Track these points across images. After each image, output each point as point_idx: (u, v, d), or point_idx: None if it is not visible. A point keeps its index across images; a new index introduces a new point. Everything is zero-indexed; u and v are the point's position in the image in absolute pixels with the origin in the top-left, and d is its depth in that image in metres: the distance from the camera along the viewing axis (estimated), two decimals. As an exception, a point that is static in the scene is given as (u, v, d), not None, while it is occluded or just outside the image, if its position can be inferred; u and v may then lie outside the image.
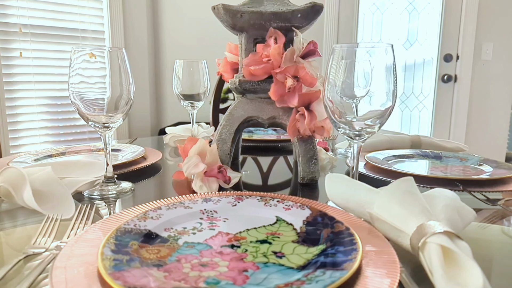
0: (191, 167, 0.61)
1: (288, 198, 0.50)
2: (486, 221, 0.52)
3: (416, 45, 2.57)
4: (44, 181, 0.52)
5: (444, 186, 0.60)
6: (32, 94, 2.07)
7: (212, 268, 0.34)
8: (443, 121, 2.60)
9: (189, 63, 0.92)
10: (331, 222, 0.42)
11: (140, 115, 2.48)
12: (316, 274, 0.32)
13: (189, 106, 0.94)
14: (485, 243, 0.47)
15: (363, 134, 0.50)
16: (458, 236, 0.35)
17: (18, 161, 0.74)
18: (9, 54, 1.97)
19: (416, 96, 2.67)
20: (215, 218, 0.46)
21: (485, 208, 0.56)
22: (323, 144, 0.83)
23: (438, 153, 0.83)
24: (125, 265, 0.33)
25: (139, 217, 0.43)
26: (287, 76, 0.60)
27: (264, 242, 0.39)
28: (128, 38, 2.37)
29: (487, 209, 0.55)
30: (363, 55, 0.49)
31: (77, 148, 0.87)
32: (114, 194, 0.59)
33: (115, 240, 0.37)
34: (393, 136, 0.92)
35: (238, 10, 0.61)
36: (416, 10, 2.53)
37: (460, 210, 0.41)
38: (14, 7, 1.96)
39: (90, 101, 0.58)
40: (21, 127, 2.05)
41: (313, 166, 0.64)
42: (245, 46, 0.65)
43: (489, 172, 0.68)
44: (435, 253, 0.33)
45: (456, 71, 2.51)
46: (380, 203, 0.42)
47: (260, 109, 0.66)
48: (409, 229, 0.38)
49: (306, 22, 0.62)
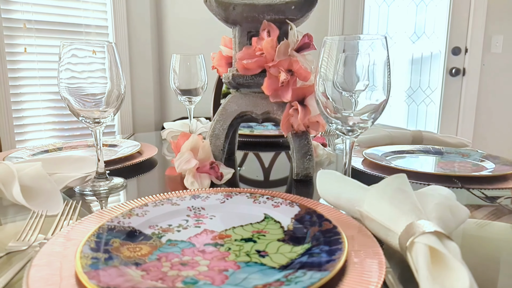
0: (183, 163, 0.60)
1: (278, 195, 0.49)
2: (487, 219, 0.50)
3: (424, 38, 2.53)
4: (33, 177, 0.51)
5: (442, 183, 0.58)
6: (37, 89, 2.08)
7: (192, 267, 0.33)
8: (450, 116, 2.56)
9: (186, 57, 0.91)
10: (319, 220, 0.41)
11: (143, 110, 2.48)
12: (296, 275, 0.31)
13: (186, 101, 0.93)
14: (490, 241, 0.45)
15: (356, 129, 0.49)
16: (448, 236, 0.33)
17: (14, 156, 0.74)
18: (13, 50, 1.97)
19: (423, 90, 2.62)
20: (202, 215, 0.45)
21: (484, 206, 0.54)
22: (321, 140, 0.82)
23: (439, 148, 0.81)
24: (102, 263, 0.32)
25: (124, 214, 0.42)
26: (280, 70, 0.59)
27: (249, 241, 0.38)
28: (132, 33, 2.36)
29: (486, 207, 0.53)
30: (355, 48, 0.48)
31: (74, 143, 0.86)
32: (105, 190, 0.59)
33: (96, 237, 0.36)
34: (394, 132, 0.90)
35: (231, 3, 0.60)
36: (424, 1, 2.48)
37: (453, 209, 0.40)
38: (18, 3, 1.97)
39: (81, 96, 0.57)
40: (26, 122, 2.06)
41: (307, 162, 0.62)
42: (239, 40, 0.64)
43: (491, 169, 0.66)
44: (422, 254, 0.32)
45: (465, 64, 2.46)
46: (370, 200, 0.41)
47: (254, 104, 0.64)
48: (398, 228, 0.36)
49: (300, 14, 0.61)
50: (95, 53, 0.58)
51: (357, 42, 0.48)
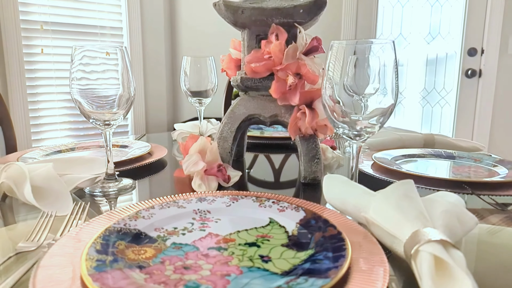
0: (190, 165, 0.60)
1: (284, 199, 0.49)
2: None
3: (439, 39, 2.48)
4: (44, 177, 0.53)
5: (452, 189, 0.57)
6: (53, 89, 2.12)
7: (194, 271, 0.33)
8: (466, 118, 2.51)
9: (197, 59, 0.91)
10: (324, 226, 0.41)
11: (156, 110, 2.50)
12: (298, 282, 0.31)
13: (196, 102, 0.94)
14: (504, 247, 0.44)
15: (363, 134, 0.48)
16: (453, 245, 0.33)
17: (27, 156, 0.75)
18: (31, 51, 2.02)
19: (438, 92, 2.58)
20: (207, 219, 0.45)
21: (495, 213, 0.53)
22: (330, 142, 0.81)
23: (451, 152, 0.79)
24: (107, 266, 0.33)
25: (131, 216, 0.43)
26: (288, 73, 0.59)
27: (253, 245, 0.38)
28: (145, 34, 2.39)
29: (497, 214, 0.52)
30: (363, 52, 0.47)
31: (86, 143, 0.88)
32: (114, 191, 0.60)
33: (102, 240, 0.37)
34: (405, 135, 0.89)
35: (239, 7, 0.60)
36: (439, 2, 2.44)
37: (460, 217, 0.39)
38: (35, 5, 2.01)
39: (93, 98, 0.58)
40: (43, 121, 2.11)
41: (315, 165, 0.62)
42: (248, 43, 0.64)
43: (503, 175, 0.64)
44: (426, 262, 0.31)
45: (481, 66, 2.41)
46: (376, 206, 0.41)
47: (262, 106, 0.65)
48: (403, 235, 0.36)
49: (309, 18, 0.60)
50: (109, 55, 0.59)
51: (364, 46, 0.48)
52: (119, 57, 0.58)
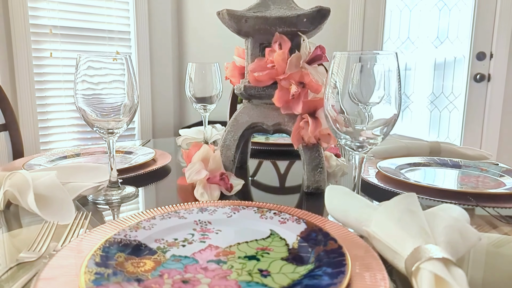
0: (193, 173, 0.60)
1: (285, 210, 0.49)
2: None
3: (447, 43, 2.46)
4: (48, 186, 0.53)
5: (456, 200, 0.56)
6: (61, 93, 2.15)
7: (193, 285, 0.33)
8: (474, 123, 2.48)
9: (202, 66, 0.92)
10: (325, 239, 0.40)
11: (163, 115, 2.52)
12: (296, 299, 0.30)
13: (201, 109, 0.94)
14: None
15: (366, 145, 0.48)
16: (455, 263, 0.32)
17: (33, 163, 0.76)
18: (40, 55, 2.05)
19: (446, 96, 2.55)
20: (208, 230, 0.45)
21: (501, 226, 0.52)
22: (335, 150, 0.81)
23: (457, 161, 0.78)
24: (105, 279, 0.33)
25: (131, 227, 0.43)
26: (291, 82, 0.58)
27: (252, 258, 0.38)
28: (153, 38, 2.41)
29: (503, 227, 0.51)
30: (365, 63, 0.47)
31: (91, 149, 0.89)
32: (117, 199, 0.60)
33: (102, 251, 0.37)
34: (410, 143, 0.88)
35: (243, 15, 0.60)
36: (447, 6, 2.42)
37: (463, 232, 0.38)
38: (45, 9, 2.04)
39: (97, 106, 0.59)
40: (51, 124, 2.13)
41: (318, 174, 0.62)
42: (251, 51, 0.64)
43: (510, 186, 0.63)
44: (427, 280, 0.31)
45: (490, 70, 2.38)
46: (378, 220, 0.40)
47: (265, 115, 0.64)
48: (404, 251, 0.36)
49: (312, 27, 0.60)
50: (116, 60, 0.60)
51: (366, 57, 0.47)
52: (126, 66, 0.58)
